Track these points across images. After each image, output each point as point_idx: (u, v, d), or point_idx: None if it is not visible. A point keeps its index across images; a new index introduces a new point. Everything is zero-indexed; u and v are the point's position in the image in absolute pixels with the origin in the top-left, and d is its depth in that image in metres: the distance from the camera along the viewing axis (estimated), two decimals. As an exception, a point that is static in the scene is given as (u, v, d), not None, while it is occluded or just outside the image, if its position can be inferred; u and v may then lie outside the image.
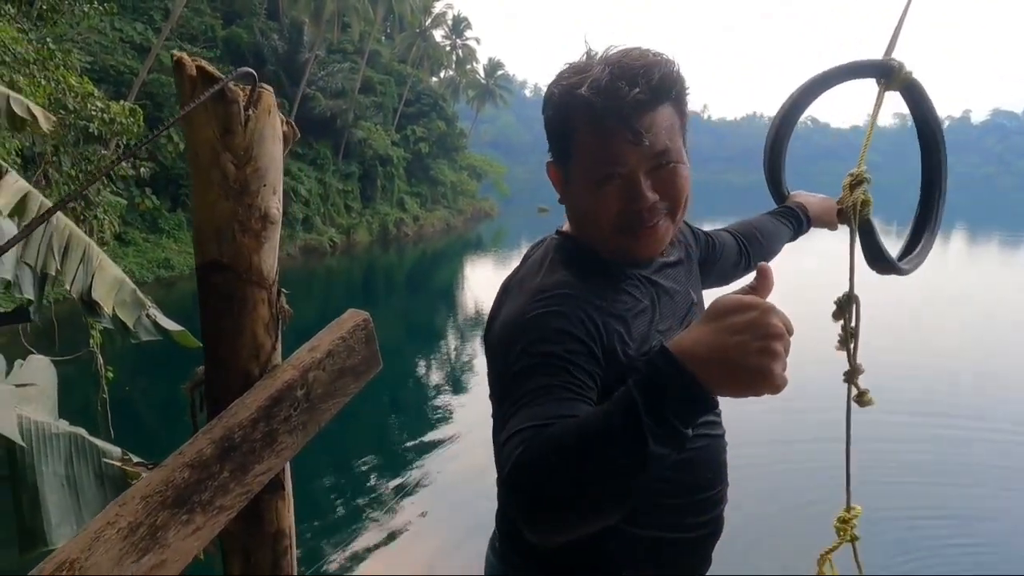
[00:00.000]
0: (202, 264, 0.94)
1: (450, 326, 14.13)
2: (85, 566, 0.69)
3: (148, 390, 9.21)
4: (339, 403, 1.07)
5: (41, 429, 1.50)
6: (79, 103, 7.33)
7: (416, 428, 8.10)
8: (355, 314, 1.13)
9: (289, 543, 1.07)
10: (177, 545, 0.79)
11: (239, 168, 0.89)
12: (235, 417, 0.89)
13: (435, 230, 28.89)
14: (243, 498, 0.89)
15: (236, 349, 0.96)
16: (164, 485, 0.79)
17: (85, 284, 2.33)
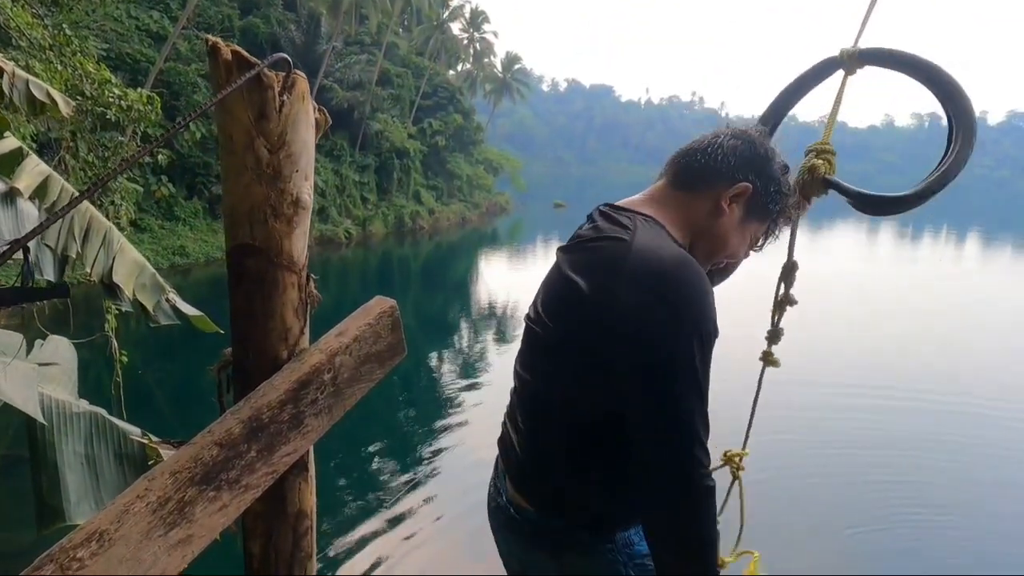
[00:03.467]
0: (233, 247, 0.96)
1: (464, 320, 14.16)
2: (114, 537, 0.71)
3: (161, 375, 9.33)
4: (364, 388, 1.08)
5: (62, 408, 1.52)
6: (96, 90, 7.39)
7: (429, 417, 8.15)
8: (382, 301, 1.14)
9: (310, 524, 1.08)
10: (204, 521, 0.81)
11: (272, 153, 0.90)
12: (264, 398, 0.90)
13: (450, 224, 28.92)
14: (269, 478, 0.90)
15: (266, 332, 0.97)
16: (193, 462, 0.80)
17: (106, 267, 2.36)
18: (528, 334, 1.20)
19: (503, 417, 1.31)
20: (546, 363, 1.14)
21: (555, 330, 1.09)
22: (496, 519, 1.27)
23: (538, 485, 1.17)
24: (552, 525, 1.13)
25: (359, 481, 6.44)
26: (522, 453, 1.19)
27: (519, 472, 1.20)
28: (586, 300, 0.98)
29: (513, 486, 1.20)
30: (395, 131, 26.02)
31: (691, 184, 1.10)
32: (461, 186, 31.45)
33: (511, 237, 29.14)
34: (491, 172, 34.91)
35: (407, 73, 29.65)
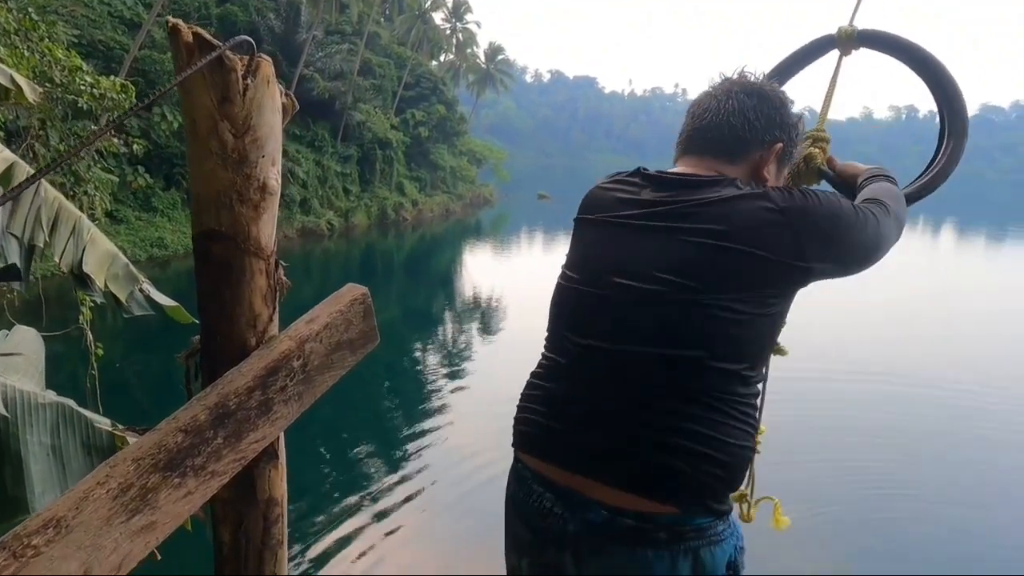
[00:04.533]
0: (199, 233, 0.94)
1: (448, 311, 14.13)
2: (72, 524, 0.70)
3: (139, 368, 9.20)
4: (335, 376, 1.07)
5: (26, 399, 1.49)
6: (66, 77, 7.17)
7: (411, 411, 8.13)
8: (353, 288, 1.13)
9: (281, 512, 1.08)
10: (168, 508, 0.80)
11: (238, 138, 0.89)
12: (231, 384, 0.89)
13: (434, 215, 28.77)
14: (236, 464, 0.90)
15: (233, 319, 0.96)
16: (156, 448, 0.79)
17: (76, 257, 2.31)
18: (607, 301, 1.07)
19: (532, 413, 1.15)
20: (653, 320, 1.02)
21: (685, 284, 1.00)
22: (549, 532, 1.05)
23: (639, 468, 0.99)
24: (662, 515, 0.97)
25: (339, 471, 6.42)
26: (610, 438, 1.02)
27: (606, 462, 1.02)
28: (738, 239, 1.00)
29: (597, 481, 1.02)
30: (378, 122, 25.78)
31: (728, 154, 1.12)
32: (445, 177, 31.28)
33: (495, 229, 29.09)
34: (475, 163, 34.77)
35: (389, 63, 29.36)
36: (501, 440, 1.29)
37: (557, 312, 1.19)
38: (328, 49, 25.12)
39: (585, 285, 1.13)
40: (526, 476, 1.12)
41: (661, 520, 0.97)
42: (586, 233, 1.20)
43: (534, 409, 1.15)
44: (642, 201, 1.11)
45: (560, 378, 1.13)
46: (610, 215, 1.14)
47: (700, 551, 0.97)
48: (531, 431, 1.14)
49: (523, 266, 19.66)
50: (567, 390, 1.11)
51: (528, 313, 13.66)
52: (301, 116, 22.89)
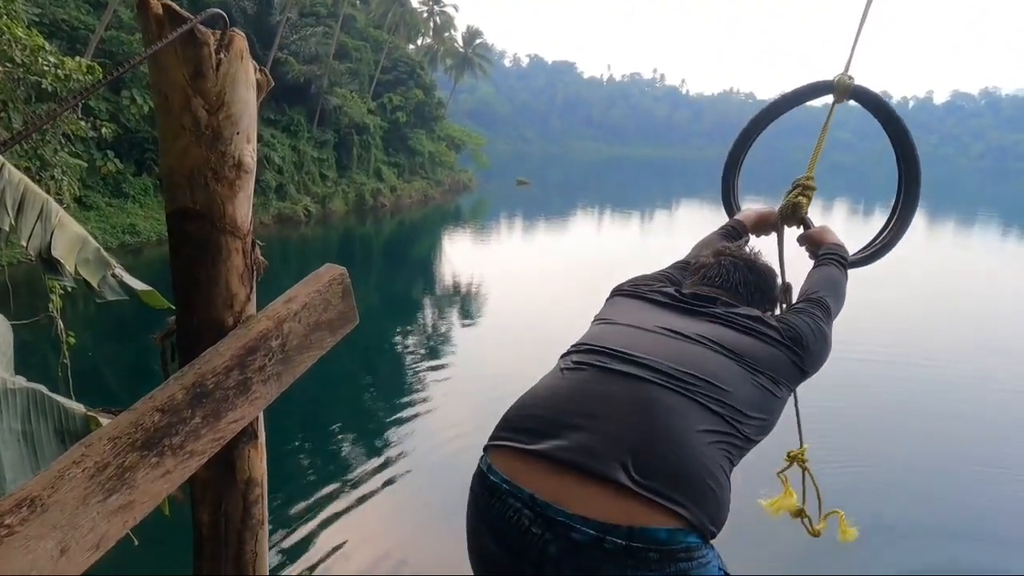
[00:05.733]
0: (173, 211, 0.93)
1: (428, 298, 14.07)
2: (47, 503, 0.69)
3: (111, 356, 9.03)
4: (314, 356, 1.07)
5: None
6: (28, 57, 6.90)
7: (390, 396, 8.12)
8: (331, 268, 1.13)
9: (261, 492, 1.08)
10: (146, 487, 0.79)
11: (211, 114, 0.88)
12: (208, 364, 0.89)
13: (413, 201, 28.51)
14: (215, 444, 0.89)
15: (210, 298, 0.95)
16: (133, 427, 0.78)
17: (44, 241, 2.26)
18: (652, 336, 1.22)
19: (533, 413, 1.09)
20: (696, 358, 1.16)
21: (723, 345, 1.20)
22: (526, 554, 0.97)
23: (643, 462, 0.97)
24: (657, 529, 0.92)
25: (318, 457, 6.40)
26: (616, 434, 1.01)
27: (604, 452, 0.98)
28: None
29: (597, 483, 0.96)
30: (354, 106, 25.37)
31: (736, 299, 1.37)
32: (423, 163, 30.96)
33: (475, 215, 28.94)
34: (453, 149, 34.44)
35: (365, 46, 28.85)
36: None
37: (588, 339, 1.26)
38: (303, 31, 24.59)
39: (629, 325, 1.27)
40: (501, 489, 1.01)
41: (655, 536, 0.92)
42: (628, 302, 1.39)
43: (539, 410, 1.09)
44: (684, 298, 1.35)
45: (577, 387, 1.11)
46: (657, 297, 1.37)
47: (689, 573, 0.93)
48: (531, 423, 1.07)
49: (502, 253, 19.64)
50: (586, 397, 1.08)
51: (507, 300, 13.64)
52: (276, 100, 22.42)
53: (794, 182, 1.62)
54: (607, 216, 29.83)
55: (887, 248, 1.58)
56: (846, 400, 7.18)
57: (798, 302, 1.40)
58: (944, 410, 7.47)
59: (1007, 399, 7.90)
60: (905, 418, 7.27)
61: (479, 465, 1.09)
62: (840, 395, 7.01)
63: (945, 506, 5.57)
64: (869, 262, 1.60)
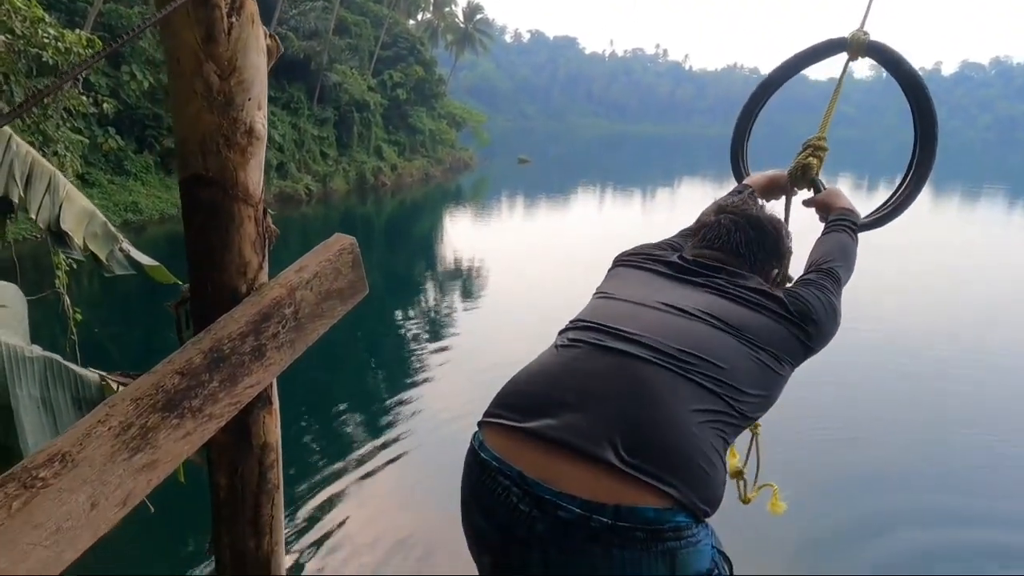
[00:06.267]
0: (186, 178, 0.94)
1: (429, 278, 14.09)
2: (77, 459, 0.71)
3: (117, 333, 9.08)
4: (326, 324, 1.08)
5: (14, 352, 1.48)
6: (28, 28, 6.82)
7: (393, 374, 8.18)
8: (341, 238, 1.14)
9: (276, 457, 1.10)
10: (168, 448, 0.82)
11: (223, 79, 0.88)
12: (224, 329, 0.90)
13: (414, 180, 28.36)
14: (232, 408, 0.91)
15: (223, 266, 0.96)
16: (154, 389, 0.80)
17: (52, 214, 2.26)
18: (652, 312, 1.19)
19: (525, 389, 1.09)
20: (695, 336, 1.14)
21: (727, 322, 1.17)
22: (515, 531, 0.97)
23: (632, 439, 0.96)
24: (645, 508, 0.92)
25: (320, 432, 6.48)
26: (617, 414, 1.00)
27: (594, 429, 0.98)
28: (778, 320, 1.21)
29: (586, 460, 0.95)
30: (354, 83, 25.10)
31: (739, 264, 1.33)
32: (424, 141, 30.73)
33: (476, 194, 28.80)
34: (454, 126, 34.15)
35: (365, 21, 28.43)
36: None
37: (586, 315, 1.23)
38: (302, 6, 24.25)
39: (629, 300, 1.23)
40: (491, 466, 1.01)
41: (641, 515, 0.91)
42: (630, 273, 1.36)
43: (532, 387, 1.09)
44: (687, 268, 1.31)
45: (571, 365, 1.10)
46: (659, 268, 1.33)
47: (677, 553, 0.92)
48: (524, 400, 1.07)
49: (504, 231, 19.60)
50: (580, 375, 1.08)
51: (509, 278, 13.62)
52: (276, 77, 22.13)
53: (805, 143, 1.56)
54: (609, 194, 29.68)
55: (901, 209, 1.52)
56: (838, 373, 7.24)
57: (807, 272, 1.34)
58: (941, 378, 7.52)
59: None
60: (898, 393, 7.32)
61: (472, 441, 1.09)
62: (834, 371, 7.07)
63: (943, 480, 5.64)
64: (882, 224, 1.54)
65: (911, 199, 1.52)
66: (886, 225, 1.56)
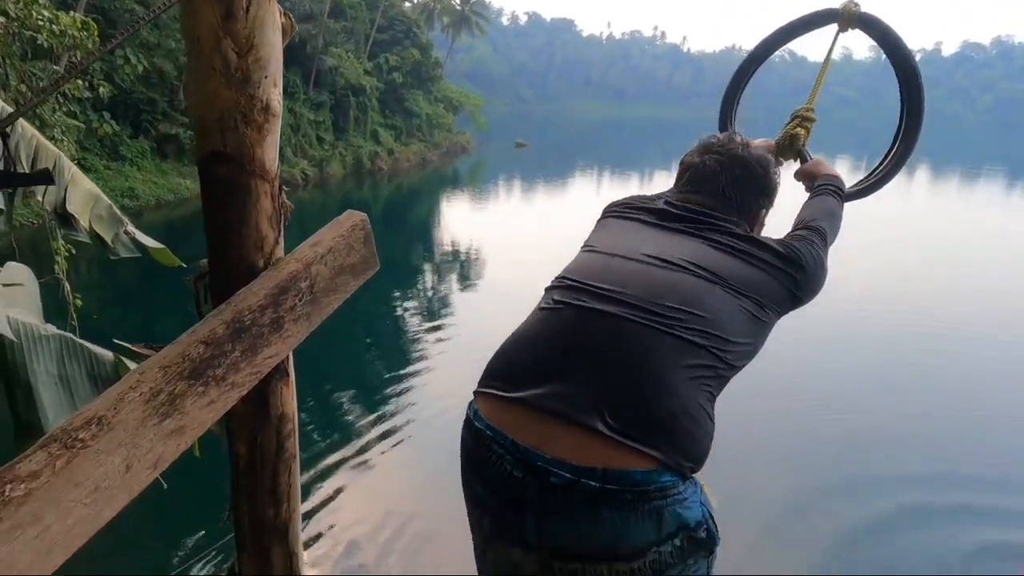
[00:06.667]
0: (204, 155, 0.96)
1: (427, 262, 14.10)
2: (112, 422, 0.74)
3: (117, 320, 9.10)
4: (340, 299, 1.11)
5: (30, 330, 1.51)
6: (22, 10, 6.75)
7: (391, 357, 8.23)
8: (353, 214, 1.16)
9: (292, 428, 1.14)
10: (194, 414, 0.85)
11: (241, 56, 0.90)
12: (244, 301, 0.93)
13: (411, 164, 28.23)
14: (253, 378, 0.94)
15: (241, 240, 0.99)
16: (181, 358, 0.83)
17: (59, 196, 2.28)
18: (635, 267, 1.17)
19: (515, 356, 1.11)
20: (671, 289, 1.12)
21: (713, 272, 1.16)
22: (509, 496, 1.02)
23: (617, 405, 0.99)
24: (632, 471, 0.95)
25: (319, 412, 6.53)
26: (591, 378, 1.02)
27: (579, 397, 1.01)
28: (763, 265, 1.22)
29: (574, 427, 0.99)
30: (350, 67, 24.89)
31: (726, 209, 1.31)
32: (420, 125, 30.55)
33: (473, 178, 28.71)
34: (451, 110, 33.91)
35: (361, 4, 28.12)
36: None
37: (570, 272, 1.22)
38: (296, -12, 23.95)
39: (612, 254, 1.22)
40: (485, 435, 1.06)
41: (629, 478, 0.95)
42: (616, 223, 1.34)
43: (519, 355, 1.12)
44: (673, 215, 1.30)
45: (555, 330, 1.12)
46: (645, 217, 1.32)
47: (664, 511, 0.96)
48: (512, 370, 1.09)
49: (502, 216, 19.57)
50: (564, 341, 1.09)
51: (507, 262, 13.58)
52: (270, 60, 21.93)
53: (793, 113, 1.56)
54: (607, 178, 29.60)
55: (885, 180, 1.53)
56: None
57: (795, 229, 1.34)
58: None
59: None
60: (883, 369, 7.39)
61: (467, 411, 1.13)
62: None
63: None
64: (866, 194, 1.55)
65: (895, 171, 1.53)
66: (870, 196, 1.56)
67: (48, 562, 0.68)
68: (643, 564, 0.97)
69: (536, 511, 0.99)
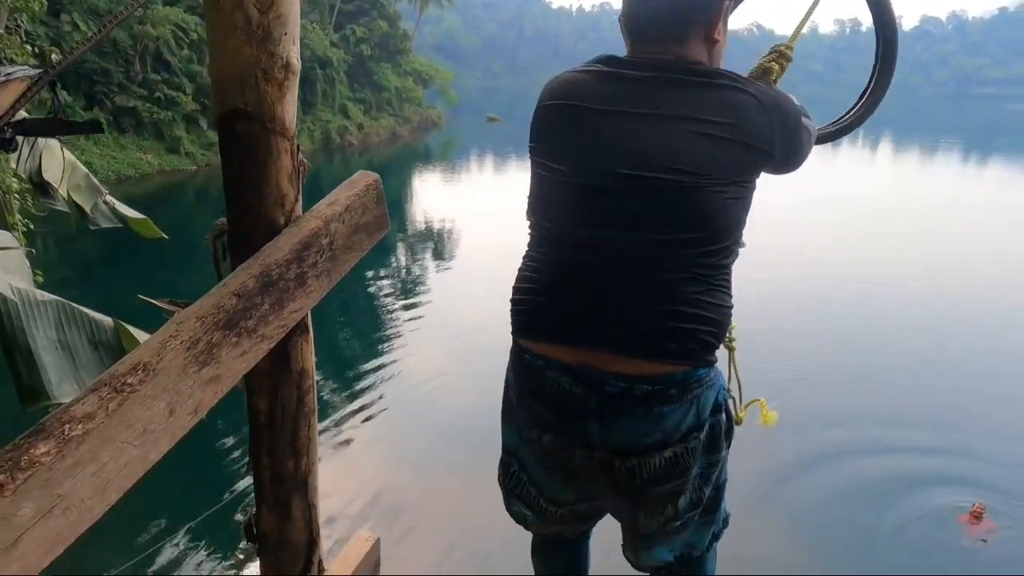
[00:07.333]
0: (224, 113, 0.97)
1: (399, 240, 14.00)
2: (157, 368, 0.77)
3: (79, 298, 8.85)
4: (356, 257, 1.14)
5: (26, 295, 1.49)
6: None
7: (365, 336, 8.21)
8: (366, 175, 1.18)
9: (311, 383, 1.17)
10: (229, 364, 0.87)
11: (262, 13, 0.91)
12: (271, 256, 0.95)
13: (381, 139, 27.75)
14: (280, 331, 0.97)
15: (262, 197, 1.00)
16: (215, 309, 0.86)
17: (34, 163, 2.23)
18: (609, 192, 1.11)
19: (537, 303, 1.18)
20: (658, 207, 1.09)
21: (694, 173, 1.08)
22: (571, 409, 1.15)
23: (654, 337, 1.10)
24: (674, 373, 1.11)
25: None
26: (623, 315, 1.11)
27: (622, 337, 1.11)
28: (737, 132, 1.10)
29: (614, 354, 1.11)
30: (315, 38, 24.20)
31: (681, 35, 1.15)
32: (390, 99, 29.97)
33: (445, 153, 28.39)
34: (421, 84, 33.32)
35: (325, -28, 27.28)
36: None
37: (550, 207, 1.19)
38: (257, -46, 23.02)
39: (584, 178, 1.13)
40: (536, 365, 1.18)
41: (673, 379, 1.11)
42: (571, 121, 1.16)
43: (539, 300, 1.19)
44: (632, 91, 1.12)
45: (563, 269, 1.17)
46: (600, 105, 1.13)
47: (701, 396, 1.15)
48: (541, 320, 1.19)
49: (474, 191, 19.48)
50: (574, 279, 1.15)
51: (481, 237, 13.56)
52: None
53: (772, 47, 1.47)
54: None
55: (859, 122, 1.52)
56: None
57: None
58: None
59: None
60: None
61: (513, 350, 1.26)
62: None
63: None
64: (838, 136, 1.54)
65: (869, 112, 1.51)
66: (844, 136, 1.55)
67: (104, 499, 0.71)
68: (685, 449, 1.15)
69: (598, 417, 1.14)
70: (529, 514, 1.33)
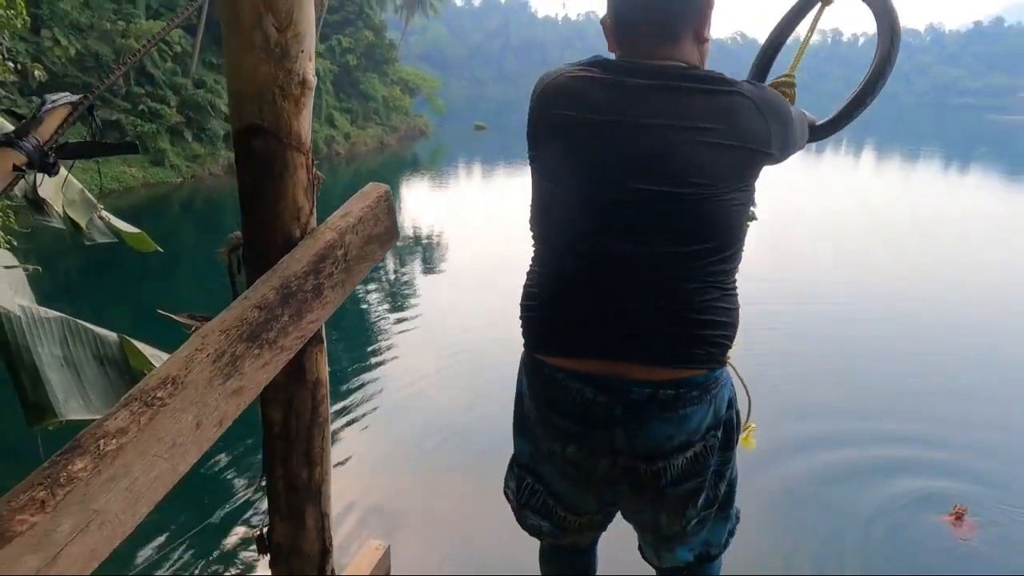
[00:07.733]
0: (241, 128, 0.98)
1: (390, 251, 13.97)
2: (185, 382, 0.78)
3: (74, 311, 8.74)
4: (368, 266, 1.15)
5: (29, 312, 1.49)
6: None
7: (355, 344, 8.18)
8: (377, 187, 1.20)
9: (325, 392, 1.18)
10: (251, 375, 0.89)
11: (280, 31, 0.92)
12: (289, 269, 0.97)
13: (368, 149, 27.71)
14: (299, 341, 0.98)
15: (278, 211, 1.02)
16: (239, 321, 0.87)
17: (28, 181, 2.21)
18: (624, 206, 1.10)
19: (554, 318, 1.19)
20: (673, 219, 1.10)
21: (703, 184, 1.09)
22: (596, 419, 1.16)
23: (678, 345, 1.13)
24: (696, 376, 1.14)
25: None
26: (646, 325, 1.13)
27: (646, 347, 1.13)
28: (739, 137, 1.12)
29: (639, 364, 1.13)
30: (302, 47, 24.18)
31: (673, 35, 1.15)
32: (377, 108, 29.97)
33: (433, 162, 28.42)
34: (408, 93, 33.36)
35: (311, -18, 27.26)
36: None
37: (561, 220, 1.18)
38: (242, -35, 23.00)
39: (599, 192, 1.12)
40: (557, 377, 1.17)
41: (695, 382, 1.15)
42: (578, 133, 1.14)
43: (556, 315, 1.18)
44: (636, 99, 1.11)
45: (579, 282, 1.16)
46: (606, 116, 1.12)
47: (717, 395, 1.19)
48: (561, 334, 1.18)
49: (463, 199, 19.51)
50: (590, 292, 1.15)
51: (469, 246, 13.52)
52: (218, 43, 21.12)
53: (773, 81, 1.54)
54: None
55: (854, 114, 1.53)
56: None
57: None
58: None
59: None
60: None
61: (528, 364, 1.24)
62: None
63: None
64: (836, 128, 1.54)
65: (864, 104, 1.52)
66: (842, 128, 1.55)
67: (135, 512, 0.71)
68: (705, 447, 1.19)
69: (623, 424, 1.16)
70: (546, 525, 1.32)
